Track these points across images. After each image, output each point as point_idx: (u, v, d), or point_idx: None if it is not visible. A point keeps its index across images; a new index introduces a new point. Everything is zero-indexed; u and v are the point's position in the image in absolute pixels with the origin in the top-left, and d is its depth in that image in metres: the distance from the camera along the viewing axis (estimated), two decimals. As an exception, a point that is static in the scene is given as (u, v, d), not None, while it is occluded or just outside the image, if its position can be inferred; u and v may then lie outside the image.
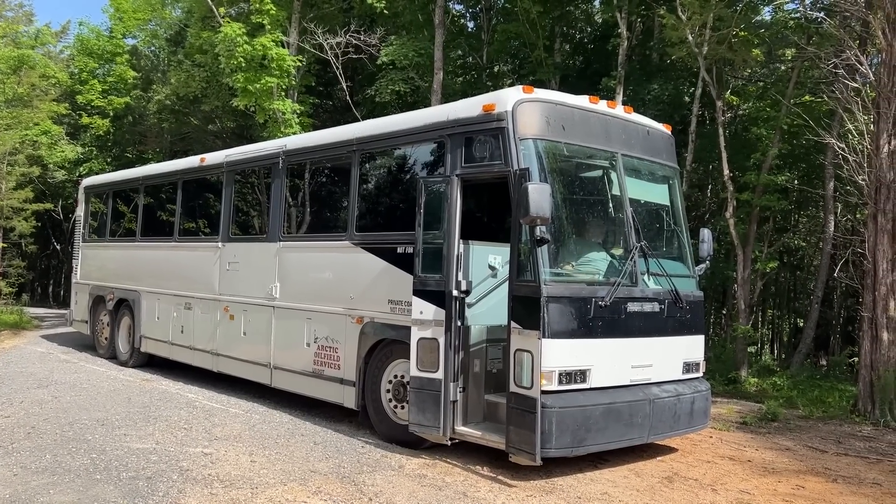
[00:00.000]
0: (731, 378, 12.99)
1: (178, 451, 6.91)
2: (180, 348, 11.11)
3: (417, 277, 6.91)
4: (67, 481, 5.83)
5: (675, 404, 7.06)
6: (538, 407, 5.96)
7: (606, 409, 6.41)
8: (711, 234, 8.24)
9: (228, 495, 5.65)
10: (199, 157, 11.26)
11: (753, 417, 9.73)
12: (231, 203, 10.30)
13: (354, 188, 8.14)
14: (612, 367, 6.58)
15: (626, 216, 6.96)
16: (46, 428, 7.61)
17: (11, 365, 12.23)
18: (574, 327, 6.29)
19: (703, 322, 7.79)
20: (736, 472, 7.01)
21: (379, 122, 8.48)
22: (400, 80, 16.06)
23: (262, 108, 16.18)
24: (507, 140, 6.47)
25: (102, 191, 14.24)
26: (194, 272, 10.82)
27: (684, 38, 11.83)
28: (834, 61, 9.85)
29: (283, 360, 8.94)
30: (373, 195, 8.20)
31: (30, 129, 24.57)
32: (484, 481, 6.29)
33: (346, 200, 8.23)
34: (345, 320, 8.01)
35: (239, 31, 15.39)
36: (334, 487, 5.94)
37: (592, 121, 7.02)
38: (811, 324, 14.68)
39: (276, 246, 9.19)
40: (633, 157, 7.31)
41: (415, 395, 6.88)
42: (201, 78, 20.08)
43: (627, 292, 6.71)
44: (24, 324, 19.31)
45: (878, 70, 9.64)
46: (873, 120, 9.60)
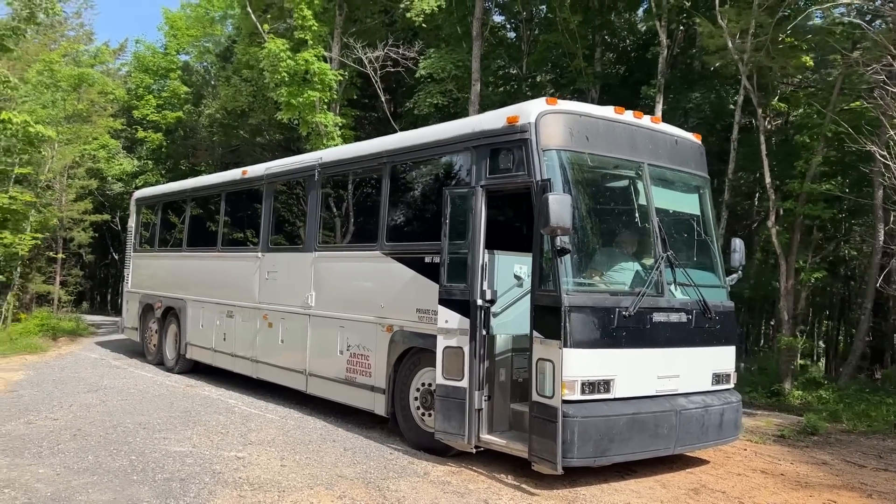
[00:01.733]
0: (775, 391, 12.71)
1: (213, 454, 7.14)
2: (222, 355, 11.43)
3: (443, 287, 7.03)
4: (106, 481, 6.10)
5: (704, 416, 6.99)
6: (559, 416, 6.00)
7: (631, 419, 6.39)
8: (743, 244, 8.14)
9: (256, 498, 5.83)
10: (241, 170, 11.62)
11: (792, 431, 9.54)
12: (271, 214, 10.60)
13: (385, 199, 8.31)
14: (637, 377, 6.56)
15: (653, 226, 6.95)
16: (91, 430, 7.95)
17: (66, 370, 12.76)
18: (597, 337, 6.30)
19: (734, 333, 7.70)
20: (766, 486, 6.90)
21: (408, 134, 8.65)
22: (438, 93, 16.26)
23: (305, 121, 16.58)
24: (531, 151, 6.54)
25: (152, 202, 14.77)
26: (236, 281, 11.14)
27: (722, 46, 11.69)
28: (874, 67, 9.63)
29: (318, 367, 9.15)
30: (402, 206, 8.36)
31: (89, 144, 25.55)
32: (507, 489, 6.34)
33: (378, 211, 8.40)
34: (375, 329, 8.17)
35: (282, 46, 15.82)
36: (359, 492, 6.07)
37: (617, 131, 7.04)
38: (861, 336, 14.25)
39: (312, 256, 9.42)
40: (661, 166, 7.30)
41: (440, 403, 6.98)
42: (248, 92, 20.67)
43: (653, 302, 6.69)
44: (81, 330, 20.07)
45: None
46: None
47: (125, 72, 33.57)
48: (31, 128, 17.30)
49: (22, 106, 19.96)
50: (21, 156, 18.82)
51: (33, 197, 19.24)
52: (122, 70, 34.25)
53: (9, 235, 17.52)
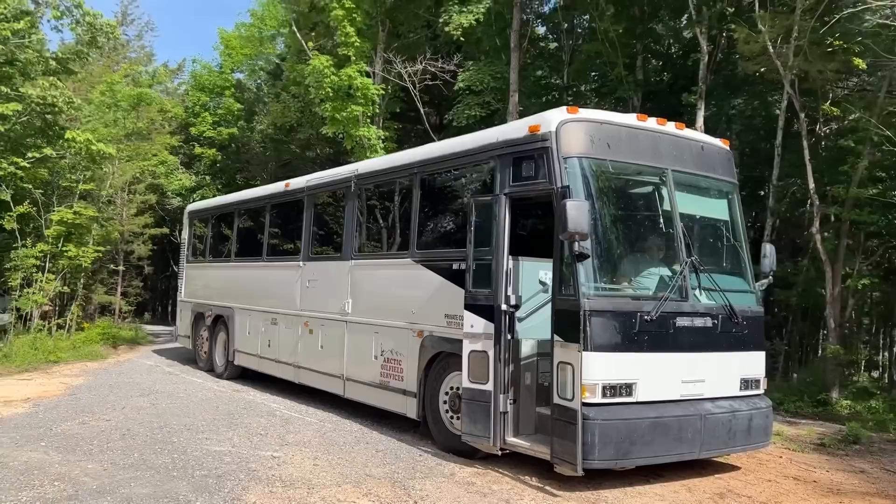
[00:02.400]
0: (821, 400, 12.43)
1: (251, 453, 7.46)
2: (267, 361, 11.82)
3: (468, 293, 7.21)
4: (148, 476, 6.45)
5: (731, 421, 6.97)
6: (579, 418, 6.10)
7: (653, 422, 6.44)
8: (774, 249, 8.07)
9: (286, 494, 6.10)
10: (284, 183, 12.04)
11: (833, 439, 9.35)
12: (311, 224, 10.96)
13: (416, 208, 8.55)
14: (661, 381, 6.61)
15: (677, 231, 7.00)
16: (139, 431, 8.37)
17: (122, 376, 13.37)
18: (618, 341, 6.38)
19: (762, 338, 7.67)
20: (796, 492, 6.84)
21: (437, 145, 8.89)
22: (476, 105, 16.49)
23: (350, 135, 17.01)
24: (552, 159, 6.68)
25: (203, 215, 15.38)
26: (279, 290, 11.52)
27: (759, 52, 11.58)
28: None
29: (354, 371, 9.42)
30: (431, 214, 8.59)
31: (148, 160, 26.59)
32: (530, 490, 6.46)
33: (409, 220, 8.65)
34: (407, 334, 8.39)
35: (326, 63, 16.30)
36: (385, 490, 6.28)
37: (640, 138, 7.12)
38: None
39: (349, 264, 9.73)
40: (686, 172, 7.33)
41: (466, 406, 7.15)
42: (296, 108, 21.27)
43: (676, 307, 6.73)
44: (140, 339, 20.92)
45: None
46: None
47: (183, 90, 34.81)
48: (93, 146, 18.11)
49: (86, 125, 20.95)
50: (84, 172, 19.74)
51: (96, 212, 20.13)
52: (181, 89, 35.56)
53: (73, 248, 18.34)
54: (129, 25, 35.80)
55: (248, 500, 5.91)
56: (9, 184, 17.21)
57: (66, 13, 17.83)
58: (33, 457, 7.01)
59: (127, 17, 35.66)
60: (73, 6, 17.61)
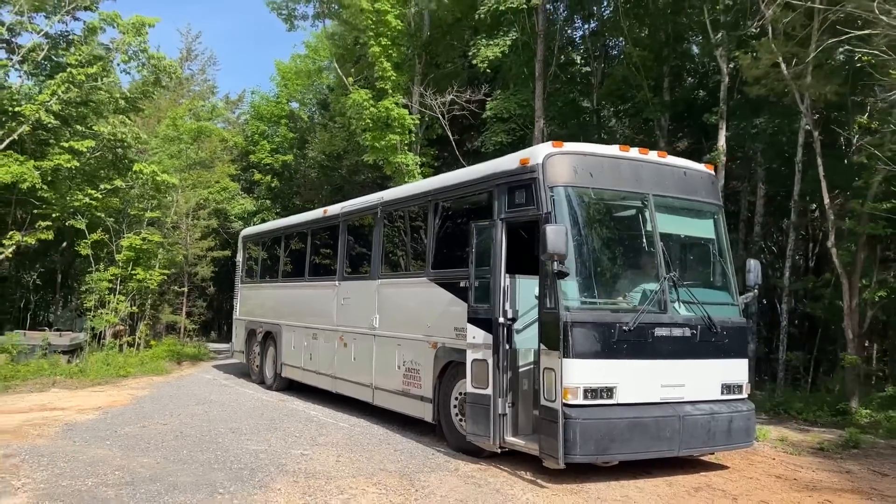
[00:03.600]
0: (841, 409, 12.74)
1: (283, 451, 8.48)
2: (310, 373, 12.91)
3: (471, 307, 8.10)
4: (193, 469, 7.53)
5: (710, 422, 7.62)
6: (560, 417, 6.89)
7: (632, 422, 7.17)
8: (759, 264, 8.68)
9: (307, 482, 7.07)
10: (322, 210, 13.17)
11: (832, 444, 9.81)
12: (346, 246, 12.03)
13: (431, 232, 9.50)
14: (641, 385, 7.33)
15: (657, 250, 7.73)
16: (190, 433, 9.50)
17: (183, 388, 14.66)
18: (598, 349, 7.15)
19: (745, 347, 8.31)
20: (771, 488, 7.44)
21: (447, 175, 9.85)
22: (503, 132, 17.39)
23: (389, 161, 18.14)
24: (539, 188, 7.53)
25: (255, 239, 16.69)
26: (319, 307, 12.61)
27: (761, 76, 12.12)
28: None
29: (381, 381, 10.38)
30: (442, 237, 9.51)
31: (211, 187, 28.38)
32: (521, 482, 7.27)
33: (425, 242, 9.60)
34: (424, 346, 9.31)
35: (365, 96, 17.50)
36: (393, 481, 7.19)
37: (622, 167, 7.91)
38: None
39: (376, 283, 10.73)
40: (667, 196, 8.07)
41: (470, 409, 8.01)
42: (342, 137, 22.58)
43: (655, 318, 7.46)
44: (203, 355, 22.40)
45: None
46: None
47: (243, 120, 36.80)
48: (158, 177, 19.78)
49: (153, 157, 22.74)
50: (151, 201, 21.45)
51: (161, 237, 21.80)
52: (242, 119, 37.58)
53: (141, 272, 19.95)
54: (192, 60, 38.09)
55: (274, 486, 6.90)
56: (84, 213, 18.96)
57: (133, 57, 19.60)
58: (99, 453, 8.19)
59: (191, 53, 37.93)
60: (140, 51, 19.35)
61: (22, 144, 18.27)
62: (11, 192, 17.59)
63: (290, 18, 22.84)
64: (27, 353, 16.60)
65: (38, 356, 16.50)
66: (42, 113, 17.17)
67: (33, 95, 18.35)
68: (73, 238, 20.05)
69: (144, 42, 19.21)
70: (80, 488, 6.67)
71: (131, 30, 19.00)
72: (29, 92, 19.00)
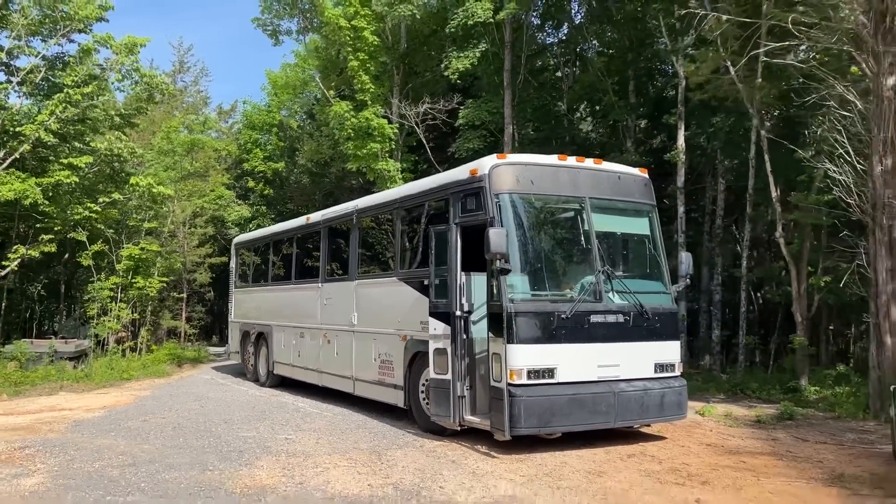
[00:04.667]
0: (791, 387, 13.75)
1: (270, 437, 9.48)
2: (298, 369, 13.92)
3: (431, 302, 9.10)
4: (188, 452, 8.53)
5: (643, 397, 8.63)
6: (506, 395, 7.90)
7: (571, 399, 8.17)
8: (690, 256, 9.69)
9: (288, 460, 8.07)
10: (305, 217, 14.17)
11: (769, 417, 10.81)
12: (327, 251, 13.04)
13: (398, 235, 10.51)
14: (579, 365, 8.33)
15: (593, 246, 8.73)
16: (187, 424, 10.51)
17: (182, 387, 15.67)
18: (539, 335, 8.14)
19: (676, 330, 9.30)
20: (697, 453, 8.44)
21: (410, 185, 10.88)
22: (475, 138, 18.40)
23: (371, 168, 19.14)
24: (486, 195, 8.53)
25: (245, 246, 17.71)
26: (305, 307, 13.62)
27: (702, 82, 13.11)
28: (823, 93, 10.87)
29: (360, 373, 11.39)
30: (408, 240, 10.52)
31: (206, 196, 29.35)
32: (475, 454, 8.27)
33: (393, 245, 10.61)
34: (395, 339, 10.31)
35: (346, 108, 18.51)
36: (363, 456, 8.20)
37: (560, 174, 8.91)
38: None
39: (354, 284, 11.74)
40: (602, 198, 9.07)
41: (433, 393, 9.02)
42: (328, 146, 23.58)
43: (591, 307, 8.46)
44: (202, 358, 23.39)
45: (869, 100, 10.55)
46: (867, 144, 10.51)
47: (236, 129, 37.80)
48: (154, 189, 20.77)
49: (148, 170, 23.72)
50: (148, 212, 22.45)
51: (159, 247, 22.78)
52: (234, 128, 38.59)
53: (141, 280, 20.94)
54: (185, 73, 39.15)
55: (258, 464, 7.91)
56: (84, 226, 19.96)
57: (126, 76, 20.60)
58: (105, 442, 9.20)
59: (184, 66, 38.99)
60: (133, 70, 20.36)
61: (23, 162, 19.24)
62: (14, 208, 18.58)
63: (275, 34, 23.86)
64: (35, 360, 17.55)
65: (46, 363, 17.44)
66: (42, 132, 18.14)
67: (33, 115, 19.34)
68: (74, 249, 21.05)
69: (137, 62, 20.23)
70: (89, 470, 7.67)
71: (124, 50, 19.99)
72: (28, 112, 19.99)
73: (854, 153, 10.62)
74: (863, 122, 10.54)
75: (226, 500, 6.44)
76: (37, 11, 19.31)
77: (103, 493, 6.67)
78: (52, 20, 19.57)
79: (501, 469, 7.60)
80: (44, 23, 19.68)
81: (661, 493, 6.65)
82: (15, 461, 8.09)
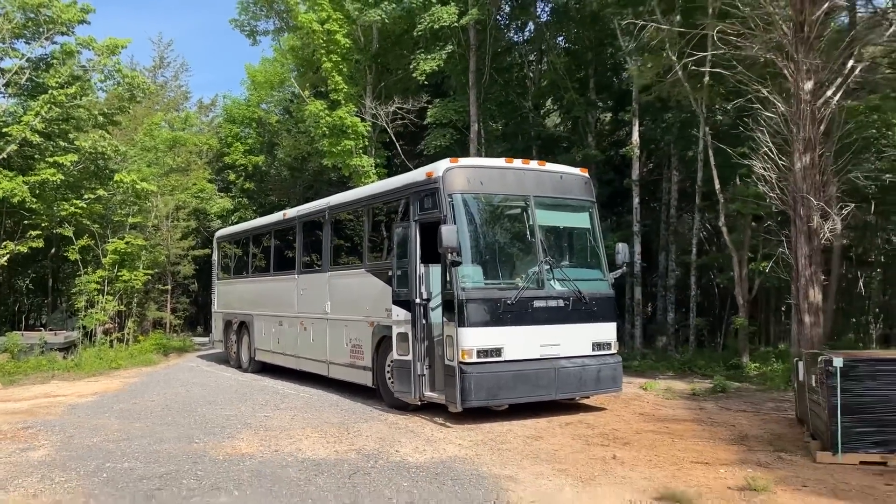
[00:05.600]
0: (734, 364, 14.95)
1: (250, 415, 10.50)
2: (278, 355, 14.93)
3: (394, 291, 10.13)
4: (175, 428, 9.53)
5: (581, 372, 9.74)
6: (457, 372, 8.97)
7: (516, 374, 9.26)
8: (627, 246, 10.79)
9: (265, 433, 9.09)
10: (282, 213, 15.14)
11: (703, 390, 11.97)
12: (302, 245, 14.02)
13: (366, 231, 11.53)
14: (523, 345, 9.40)
15: (537, 240, 9.79)
16: (175, 406, 11.50)
17: (169, 374, 16.62)
18: (487, 319, 9.21)
19: (612, 313, 10.41)
20: (627, 420, 9.57)
21: (376, 184, 11.92)
22: (442, 136, 19.40)
23: (346, 164, 20.09)
24: (441, 195, 9.55)
25: (227, 239, 18.65)
26: (283, 297, 14.61)
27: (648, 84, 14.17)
28: (750, 97, 11.97)
29: (334, 356, 12.42)
30: (374, 235, 11.54)
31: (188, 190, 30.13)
32: (432, 425, 9.35)
33: (362, 240, 11.62)
34: (364, 325, 11.34)
35: (321, 107, 19.42)
36: (332, 429, 9.24)
37: (507, 175, 9.96)
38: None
39: (327, 275, 12.74)
40: (545, 196, 10.12)
41: (396, 372, 10.08)
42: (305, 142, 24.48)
43: (534, 293, 9.53)
44: (188, 347, 24.28)
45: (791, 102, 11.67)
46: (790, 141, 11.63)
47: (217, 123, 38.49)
48: (138, 185, 21.60)
49: (132, 166, 24.49)
50: (132, 207, 23.26)
51: (144, 240, 23.59)
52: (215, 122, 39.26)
53: (127, 273, 21.77)
54: (165, 68, 39.67)
55: (239, 437, 8.93)
56: (70, 221, 20.75)
57: (109, 77, 21.39)
58: (100, 422, 10.18)
59: (164, 61, 39.49)
60: (115, 71, 21.14)
61: (9, 161, 20.01)
62: (2, 206, 19.37)
63: (252, 34, 24.68)
64: (26, 351, 18.40)
65: (37, 354, 18.29)
66: (28, 132, 18.91)
67: (18, 115, 20.08)
68: (60, 244, 21.85)
69: (119, 63, 21.00)
70: (88, 444, 8.65)
71: (106, 51, 20.77)
72: (14, 112, 20.72)
73: (778, 151, 11.70)
74: (785, 123, 11.62)
75: (210, 465, 7.45)
76: (20, 15, 20.04)
77: (103, 461, 7.67)
78: (35, 23, 20.31)
79: (453, 436, 8.68)
80: (27, 26, 20.43)
81: (586, 451, 7.75)
82: (20, 439, 9.06)
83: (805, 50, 11.23)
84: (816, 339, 11.22)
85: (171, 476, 6.93)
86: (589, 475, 6.75)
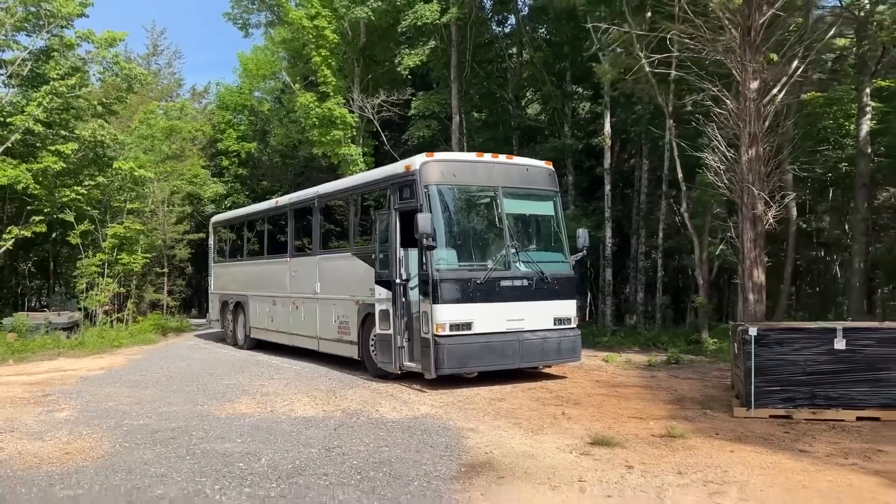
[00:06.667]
0: (694, 339, 16.19)
1: (247, 384, 11.67)
2: (272, 332, 16.07)
3: (377, 273, 11.28)
4: (181, 395, 10.69)
5: (543, 344, 10.94)
6: (432, 344, 10.14)
7: (484, 345, 10.44)
8: (587, 232, 11.95)
9: (262, 398, 10.26)
10: (275, 200, 16.23)
11: (658, 362, 13.20)
12: (293, 230, 15.13)
13: (352, 218, 12.66)
14: (491, 320, 10.57)
15: (504, 226, 10.94)
16: (178, 376, 12.65)
17: (170, 351, 17.75)
18: (459, 297, 10.36)
19: (572, 291, 11.59)
20: (584, 386, 10.78)
21: (361, 175, 13.03)
22: (425, 127, 20.48)
23: (335, 153, 21.16)
24: (418, 186, 10.67)
25: (223, 224, 19.73)
26: (276, 279, 15.73)
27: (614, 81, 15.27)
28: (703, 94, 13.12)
29: (323, 332, 13.58)
30: (359, 222, 12.67)
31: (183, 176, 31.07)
32: (409, 390, 10.54)
33: (348, 226, 12.75)
34: (350, 303, 12.49)
35: (311, 99, 20.44)
36: (321, 394, 10.42)
37: (477, 168, 11.09)
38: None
39: (317, 258, 13.87)
40: (512, 187, 11.26)
41: (379, 345, 11.25)
42: (296, 131, 25.50)
43: (501, 274, 10.70)
44: (185, 328, 25.40)
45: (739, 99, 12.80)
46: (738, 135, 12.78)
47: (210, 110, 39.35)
48: (135, 172, 22.60)
49: (129, 153, 25.44)
50: (130, 193, 24.26)
51: (141, 225, 24.60)
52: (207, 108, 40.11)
53: (125, 256, 22.80)
54: (159, 55, 40.43)
55: (239, 401, 10.09)
56: (71, 207, 21.74)
57: (108, 69, 22.33)
58: (112, 390, 11.32)
59: (157, 49, 40.23)
60: (113, 63, 22.08)
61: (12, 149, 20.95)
62: (5, 192, 20.35)
63: (245, 27, 25.60)
64: (32, 330, 19.50)
65: (42, 333, 19.39)
66: (31, 122, 19.86)
67: (20, 105, 21.01)
68: (61, 229, 22.85)
69: (117, 55, 21.94)
70: (105, 407, 9.80)
71: (104, 44, 21.69)
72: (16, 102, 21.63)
73: (727, 144, 12.86)
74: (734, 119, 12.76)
75: (215, 421, 8.61)
76: (22, 9, 20.92)
77: (120, 419, 8.83)
78: (36, 16, 21.19)
79: (427, 399, 9.88)
80: (28, 19, 21.30)
81: (540, 410, 8.95)
82: (43, 404, 10.20)
83: (752, 52, 12.34)
84: (760, 315, 12.41)
85: (182, 430, 8.10)
86: (539, 427, 7.95)
